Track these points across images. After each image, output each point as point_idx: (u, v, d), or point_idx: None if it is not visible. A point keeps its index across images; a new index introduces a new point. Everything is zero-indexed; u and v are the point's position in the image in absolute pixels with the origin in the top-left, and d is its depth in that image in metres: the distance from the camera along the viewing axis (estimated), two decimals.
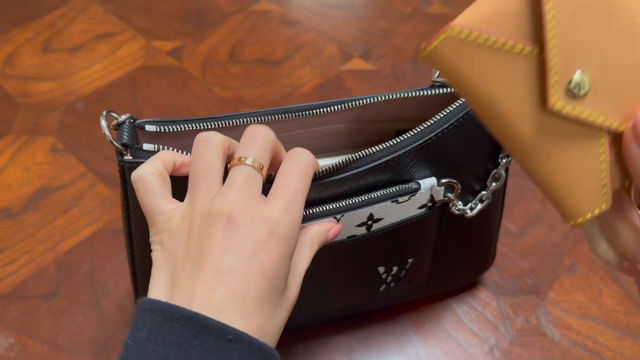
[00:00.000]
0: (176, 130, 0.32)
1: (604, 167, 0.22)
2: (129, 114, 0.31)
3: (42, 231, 0.48)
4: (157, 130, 0.31)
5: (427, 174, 0.34)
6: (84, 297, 0.44)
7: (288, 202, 0.27)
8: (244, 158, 0.27)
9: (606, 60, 0.20)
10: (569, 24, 0.20)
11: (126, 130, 0.30)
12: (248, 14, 0.70)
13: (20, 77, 0.62)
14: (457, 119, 0.32)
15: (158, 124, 0.31)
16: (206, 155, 0.28)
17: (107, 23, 0.68)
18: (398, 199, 0.33)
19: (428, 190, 0.34)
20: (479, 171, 0.36)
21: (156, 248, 0.27)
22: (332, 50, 0.65)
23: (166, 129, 0.32)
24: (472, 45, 0.20)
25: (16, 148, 0.55)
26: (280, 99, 0.60)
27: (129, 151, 0.29)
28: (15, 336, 0.42)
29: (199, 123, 0.32)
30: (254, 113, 0.34)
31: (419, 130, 0.32)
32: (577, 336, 0.43)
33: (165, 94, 0.60)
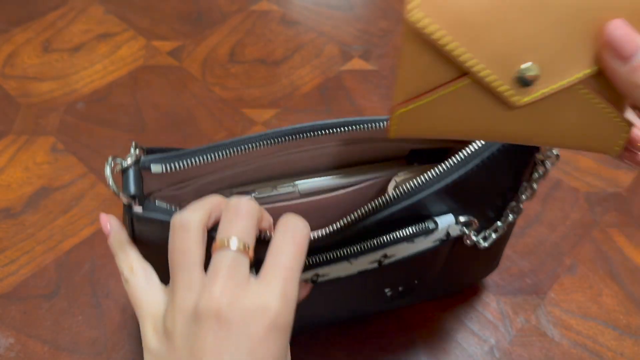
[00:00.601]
0: (183, 167, 0.30)
1: (602, 105, 0.22)
2: (134, 156, 0.28)
3: (43, 231, 0.48)
4: (164, 172, 0.29)
5: (445, 208, 0.32)
6: (84, 297, 0.44)
7: (284, 286, 0.24)
8: (227, 240, 0.24)
9: (533, 39, 0.21)
10: (472, 40, 0.21)
11: (132, 177, 0.28)
12: (248, 14, 0.70)
13: (20, 77, 0.62)
14: (482, 159, 0.30)
15: (164, 162, 0.29)
16: (183, 244, 0.25)
17: (107, 23, 0.68)
18: (414, 240, 0.32)
19: (445, 229, 0.32)
20: (498, 203, 0.34)
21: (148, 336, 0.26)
22: (332, 51, 0.65)
23: (172, 168, 0.30)
24: (420, 108, 0.22)
25: (16, 148, 0.55)
26: (280, 98, 0.60)
27: (137, 201, 0.27)
28: (15, 336, 0.42)
29: (204, 155, 0.30)
30: (262, 136, 0.31)
31: (442, 171, 0.31)
32: (577, 336, 0.43)
33: (165, 94, 0.60)
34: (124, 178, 0.28)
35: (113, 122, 0.57)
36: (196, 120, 0.57)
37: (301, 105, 0.59)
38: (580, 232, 0.49)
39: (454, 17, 0.20)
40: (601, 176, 0.53)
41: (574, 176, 0.53)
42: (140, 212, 0.27)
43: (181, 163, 0.30)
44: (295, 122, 0.57)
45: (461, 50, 0.21)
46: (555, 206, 0.51)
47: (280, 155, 0.34)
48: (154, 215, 0.27)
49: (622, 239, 0.49)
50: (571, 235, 0.49)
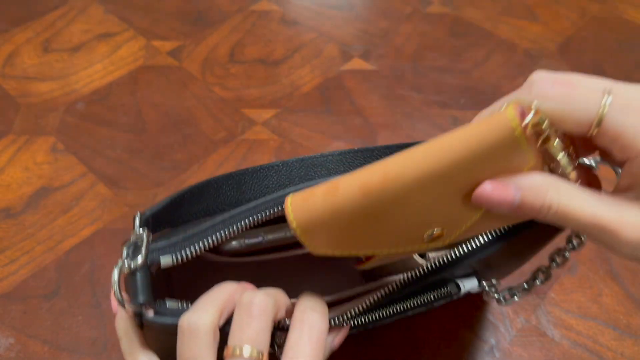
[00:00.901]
0: (194, 253, 0.27)
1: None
2: (142, 256, 0.26)
3: (43, 231, 0.48)
4: (175, 263, 0.27)
5: (469, 271, 0.31)
6: (84, 297, 0.44)
7: None
8: (239, 348, 0.23)
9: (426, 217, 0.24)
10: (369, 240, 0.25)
11: (141, 281, 0.25)
12: (248, 14, 0.70)
13: (20, 77, 0.62)
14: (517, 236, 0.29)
15: (172, 250, 0.27)
16: (191, 351, 0.23)
17: (107, 23, 0.68)
18: (434, 303, 0.31)
19: (466, 292, 0.31)
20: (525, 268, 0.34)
21: None
22: (332, 50, 0.65)
23: (182, 257, 0.27)
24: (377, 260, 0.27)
25: (16, 148, 0.55)
26: (280, 98, 0.60)
27: (149, 306, 0.26)
28: (15, 336, 0.42)
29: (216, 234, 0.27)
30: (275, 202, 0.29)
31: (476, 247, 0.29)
32: (577, 336, 0.43)
33: (165, 93, 0.60)
34: (131, 282, 0.26)
35: (113, 122, 0.57)
36: (196, 120, 0.57)
37: (301, 105, 0.59)
38: None
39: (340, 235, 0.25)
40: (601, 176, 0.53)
41: None
42: (150, 318, 0.26)
43: (192, 248, 0.27)
44: (295, 122, 0.57)
45: (363, 251, 0.25)
46: None
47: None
48: (165, 320, 0.25)
49: None
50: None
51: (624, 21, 0.70)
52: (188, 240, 0.27)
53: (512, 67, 0.64)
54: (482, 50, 0.66)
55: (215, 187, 0.34)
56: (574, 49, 0.66)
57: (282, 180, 0.35)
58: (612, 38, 0.68)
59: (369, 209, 0.23)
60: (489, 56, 0.65)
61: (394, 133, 0.57)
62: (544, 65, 0.64)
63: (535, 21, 0.70)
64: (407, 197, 0.23)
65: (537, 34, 0.68)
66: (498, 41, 0.67)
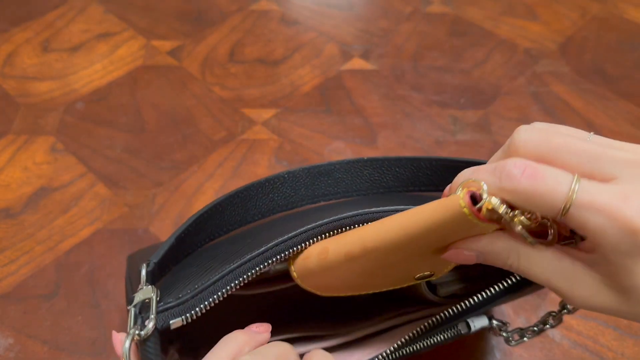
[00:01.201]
0: (204, 309, 0.26)
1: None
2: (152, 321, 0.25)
3: (42, 231, 0.48)
4: (185, 323, 0.26)
5: (480, 312, 0.31)
6: (83, 298, 0.44)
7: None
8: None
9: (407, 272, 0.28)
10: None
11: (151, 349, 0.25)
12: (248, 13, 0.70)
13: (19, 77, 0.62)
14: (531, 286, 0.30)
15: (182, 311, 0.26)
16: None
17: (107, 23, 0.68)
18: (443, 343, 0.31)
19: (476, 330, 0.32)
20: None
21: None
22: (332, 50, 0.65)
23: (192, 316, 0.26)
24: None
25: (16, 148, 0.55)
26: (280, 98, 0.60)
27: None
28: (15, 336, 0.42)
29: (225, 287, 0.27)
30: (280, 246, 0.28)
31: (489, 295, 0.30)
32: (578, 337, 0.42)
33: (165, 93, 0.60)
34: (142, 351, 0.25)
35: (112, 122, 0.57)
36: (196, 120, 0.57)
37: (301, 105, 0.59)
38: None
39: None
40: None
41: None
42: None
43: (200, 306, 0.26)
44: (295, 121, 0.57)
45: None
46: None
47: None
48: None
49: None
50: None
51: (625, 21, 0.70)
52: (197, 297, 0.26)
53: (512, 66, 0.64)
54: (482, 49, 0.66)
55: (220, 210, 0.33)
56: (575, 49, 0.66)
57: (288, 191, 0.35)
58: (613, 38, 0.68)
59: (356, 268, 0.26)
60: (490, 56, 0.65)
61: (394, 133, 0.56)
62: (544, 64, 0.64)
63: (535, 21, 0.70)
64: (388, 259, 0.26)
65: (537, 34, 0.68)
66: (498, 41, 0.67)
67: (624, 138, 0.56)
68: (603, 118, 0.58)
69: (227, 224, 0.34)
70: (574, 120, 0.58)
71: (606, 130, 0.57)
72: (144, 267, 0.27)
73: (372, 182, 0.36)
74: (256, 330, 0.27)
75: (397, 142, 0.56)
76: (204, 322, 0.27)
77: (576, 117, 0.59)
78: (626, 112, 0.59)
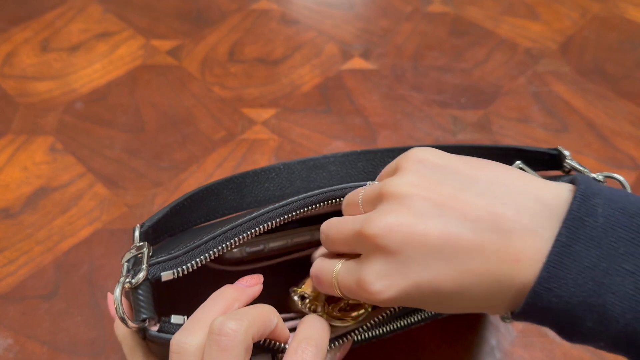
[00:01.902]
0: (194, 266, 0.27)
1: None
2: (144, 271, 0.26)
3: (41, 231, 0.48)
4: (176, 277, 0.27)
5: None
6: (82, 298, 0.44)
7: None
8: None
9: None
10: None
11: (143, 297, 0.25)
12: (247, 13, 0.70)
13: (19, 76, 0.61)
14: None
15: (173, 265, 0.27)
16: None
17: (106, 22, 0.68)
18: (438, 316, 0.31)
19: None
20: None
21: None
22: (332, 50, 0.65)
23: (183, 270, 0.27)
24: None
25: (15, 148, 0.54)
26: (280, 98, 0.60)
27: (153, 322, 0.26)
28: (14, 337, 0.42)
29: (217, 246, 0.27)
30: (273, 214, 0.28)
31: None
32: None
33: (165, 93, 0.60)
34: (134, 298, 0.26)
35: (112, 122, 0.57)
36: (195, 120, 0.57)
37: (301, 104, 0.59)
38: None
39: None
40: None
41: None
42: (154, 334, 0.25)
43: (192, 262, 0.27)
44: (295, 121, 0.57)
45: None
46: None
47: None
48: (169, 337, 0.25)
49: None
50: None
51: (625, 20, 0.70)
52: (189, 254, 0.27)
53: (513, 66, 0.64)
54: (482, 49, 0.66)
55: (216, 192, 0.33)
56: (575, 48, 0.66)
57: (283, 182, 0.35)
58: (613, 37, 0.68)
59: None
60: (490, 55, 0.65)
61: (394, 133, 0.56)
62: (545, 64, 0.64)
63: (536, 20, 0.70)
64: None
65: (538, 33, 0.68)
66: (499, 40, 0.67)
67: (624, 138, 0.56)
68: (603, 118, 0.58)
69: (223, 207, 0.34)
70: (574, 120, 0.58)
71: (607, 130, 0.57)
72: (138, 228, 0.28)
73: (366, 173, 0.36)
74: (246, 284, 0.28)
75: (397, 142, 0.56)
76: (202, 300, 0.27)
77: (577, 116, 0.59)
78: (627, 111, 0.59)
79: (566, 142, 0.56)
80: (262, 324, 0.25)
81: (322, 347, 0.26)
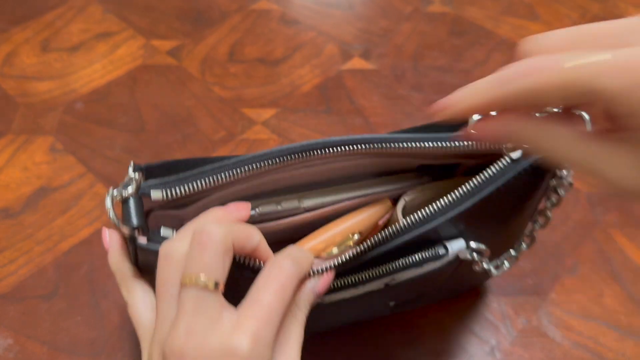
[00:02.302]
0: (184, 193, 0.28)
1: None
2: (135, 182, 0.27)
3: (41, 231, 0.48)
4: (164, 198, 0.28)
5: (455, 232, 0.31)
6: (83, 298, 0.44)
7: (259, 327, 0.22)
8: (193, 277, 0.23)
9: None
10: None
11: (133, 207, 0.27)
12: (247, 13, 0.70)
13: (19, 76, 0.61)
14: (497, 186, 0.30)
15: (164, 188, 0.28)
16: (164, 274, 0.25)
17: (106, 22, 0.68)
18: (423, 265, 0.31)
19: (455, 255, 0.32)
20: (511, 232, 0.34)
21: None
22: (332, 50, 0.65)
23: (173, 194, 0.28)
24: None
25: (15, 148, 0.54)
26: (280, 98, 0.60)
27: (142, 232, 0.27)
28: (14, 337, 0.42)
29: (206, 178, 0.28)
30: (269, 154, 0.29)
31: (456, 198, 0.30)
32: (579, 337, 0.42)
33: (165, 93, 0.60)
34: (124, 208, 0.27)
35: (112, 122, 0.57)
36: (195, 120, 0.57)
37: (301, 104, 0.59)
38: (581, 233, 0.49)
39: None
40: None
41: (575, 176, 0.53)
42: (144, 244, 0.26)
43: (182, 188, 0.28)
44: (295, 121, 0.57)
45: None
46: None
47: (285, 170, 0.33)
48: (158, 247, 0.26)
49: (624, 239, 0.48)
50: (572, 236, 0.49)
51: None
52: (180, 181, 0.28)
53: None
54: (482, 49, 0.66)
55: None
56: None
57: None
58: None
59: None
60: (490, 55, 0.65)
61: None
62: None
63: (536, 20, 0.70)
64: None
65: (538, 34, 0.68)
66: (499, 40, 0.67)
67: None
68: None
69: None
70: None
71: None
72: (132, 164, 0.28)
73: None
74: (234, 208, 0.29)
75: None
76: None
77: None
78: None
79: None
80: (244, 235, 0.26)
81: (301, 265, 0.26)
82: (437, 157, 0.34)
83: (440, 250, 0.31)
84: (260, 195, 0.33)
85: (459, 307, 0.44)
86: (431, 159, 0.35)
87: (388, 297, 0.36)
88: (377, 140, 0.31)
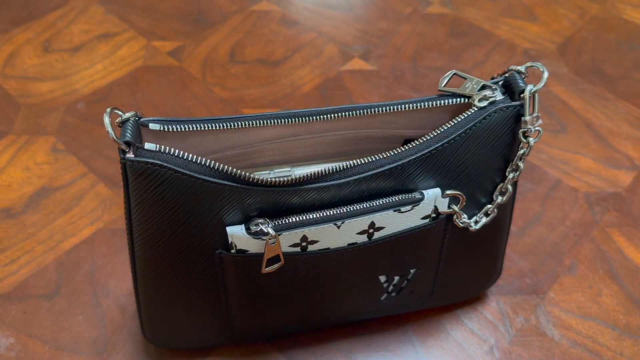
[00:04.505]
0: (180, 130, 0.31)
1: None
2: (134, 112, 0.31)
3: (43, 231, 0.48)
4: (161, 129, 0.31)
5: (432, 184, 0.33)
6: (84, 297, 0.44)
7: None
8: None
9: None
10: None
11: (130, 128, 0.30)
12: (248, 14, 0.70)
13: (20, 77, 0.62)
14: (464, 129, 0.32)
15: (162, 123, 0.31)
16: None
17: (108, 23, 0.68)
18: (400, 209, 0.33)
19: (432, 201, 0.33)
20: (486, 184, 0.35)
21: None
22: (332, 51, 0.66)
23: (170, 129, 0.31)
24: None
25: (17, 148, 0.55)
26: (280, 99, 0.60)
27: (132, 149, 0.29)
28: (16, 336, 0.42)
29: (203, 124, 0.32)
30: (259, 116, 0.33)
31: (426, 139, 0.32)
32: (577, 336, 0.43)
33: (166, 94, 0.60)
34: (122, 129, 0.30)
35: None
36: None
37: (301, 105, 0.59)
38: (579, 232, 0.49)
39: None
40: (601, 176, 0.53)
41: (573, 176, 0.54)
42: (132, 157, 0.29)
43: (179, 126, 0.31)
44: None
45: None
46: (554, 206, 0.51)
47: (277, 141, 0.34)
48: (144, 159, 0.28)
49: (622, 239, 0.49)
50: (571, 236, 0.49)
51: (624, 21, 0.70)
52: (178, 122, 0.32)
53: None
54: (481, 50, 0.66)
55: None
56: (574, 49, 0.66)
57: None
58: (612, 38, 0.68)
59: None
60: (489, 56, 0.65)
61: None
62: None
63: (534, 21, 0.70)
64: None
65: (536, 34, 0.68)
66: (498, 41, 0.67)
67: (622, 138, 0.57)
68: (602, 118, 0.59)
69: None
70: (572, 120, 0.58)
71: (605, 130, 0.57)
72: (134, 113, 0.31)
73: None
74: None
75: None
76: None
77: (575, 117, 0.59)
78: (625, 112, 0.59)
79: (564, 142, 0.56)
80: None
81: None
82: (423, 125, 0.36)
83: (416, 195, 0.33)
84: (254, 166, 0.36)
85: (457, 306, 0.44)
86: (416, 130, 0.36)
87: (377, 266, 0.36)
88: (355, 108, 0.34)
